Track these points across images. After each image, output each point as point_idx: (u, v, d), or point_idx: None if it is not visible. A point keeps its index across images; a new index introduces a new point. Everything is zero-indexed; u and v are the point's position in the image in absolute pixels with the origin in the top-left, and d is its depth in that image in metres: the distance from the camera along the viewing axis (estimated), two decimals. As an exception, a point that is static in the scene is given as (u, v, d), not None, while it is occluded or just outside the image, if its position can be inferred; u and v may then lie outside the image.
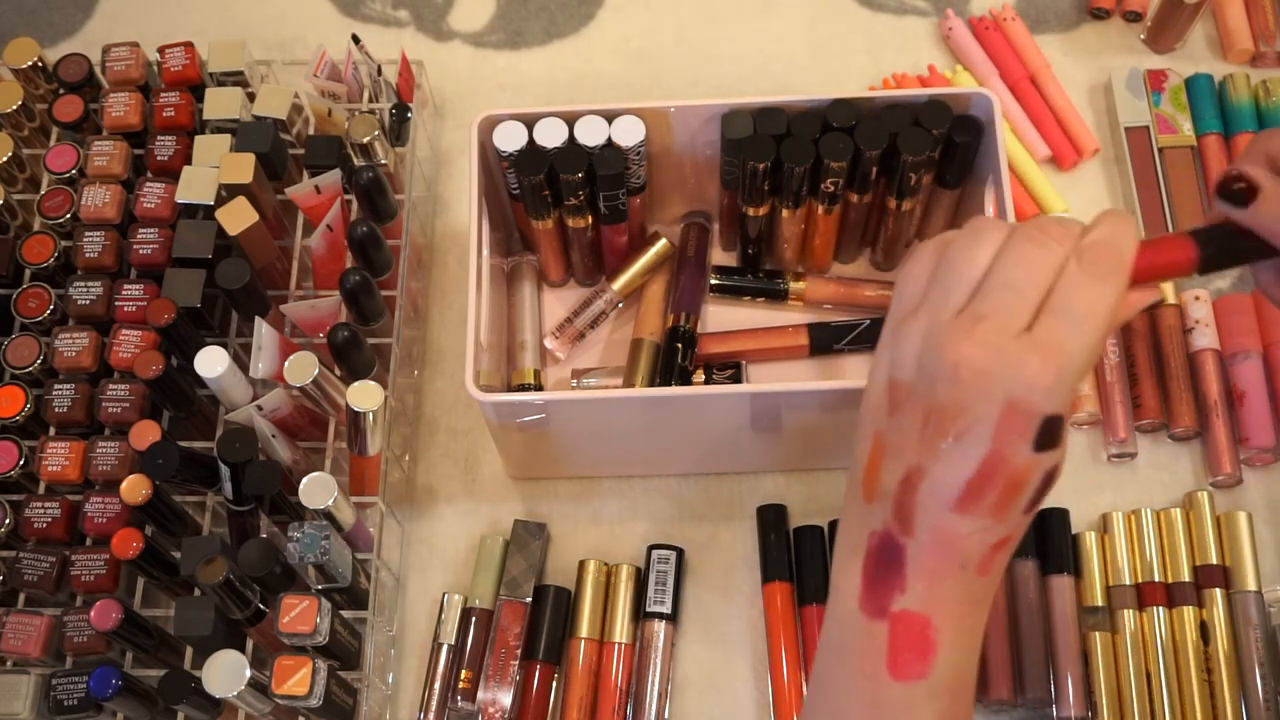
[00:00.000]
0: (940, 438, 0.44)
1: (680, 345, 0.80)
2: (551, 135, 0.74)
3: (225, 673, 0.63)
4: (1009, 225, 0.47)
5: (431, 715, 0.74)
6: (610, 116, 0.74)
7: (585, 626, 0.75)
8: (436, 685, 0.75)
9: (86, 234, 0.79)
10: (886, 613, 0.46)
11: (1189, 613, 0.74)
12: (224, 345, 0.73)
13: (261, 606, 0.68)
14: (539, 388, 0.81)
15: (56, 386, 0.75)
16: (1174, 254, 0.49)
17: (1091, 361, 0.45)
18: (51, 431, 0.76)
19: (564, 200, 0.76)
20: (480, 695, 0.74)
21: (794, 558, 0.77)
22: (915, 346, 0.46)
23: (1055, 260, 0.45)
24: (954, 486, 0.45)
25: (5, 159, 0.82)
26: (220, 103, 0.82)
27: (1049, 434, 0.45)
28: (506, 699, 0.74)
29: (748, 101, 0.74)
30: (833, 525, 0.78)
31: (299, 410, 0.75)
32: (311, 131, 0.86)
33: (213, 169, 0.79)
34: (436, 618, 0.77)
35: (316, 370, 0.71)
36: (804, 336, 0.82)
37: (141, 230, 0.79)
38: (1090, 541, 0.76)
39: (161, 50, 0.86)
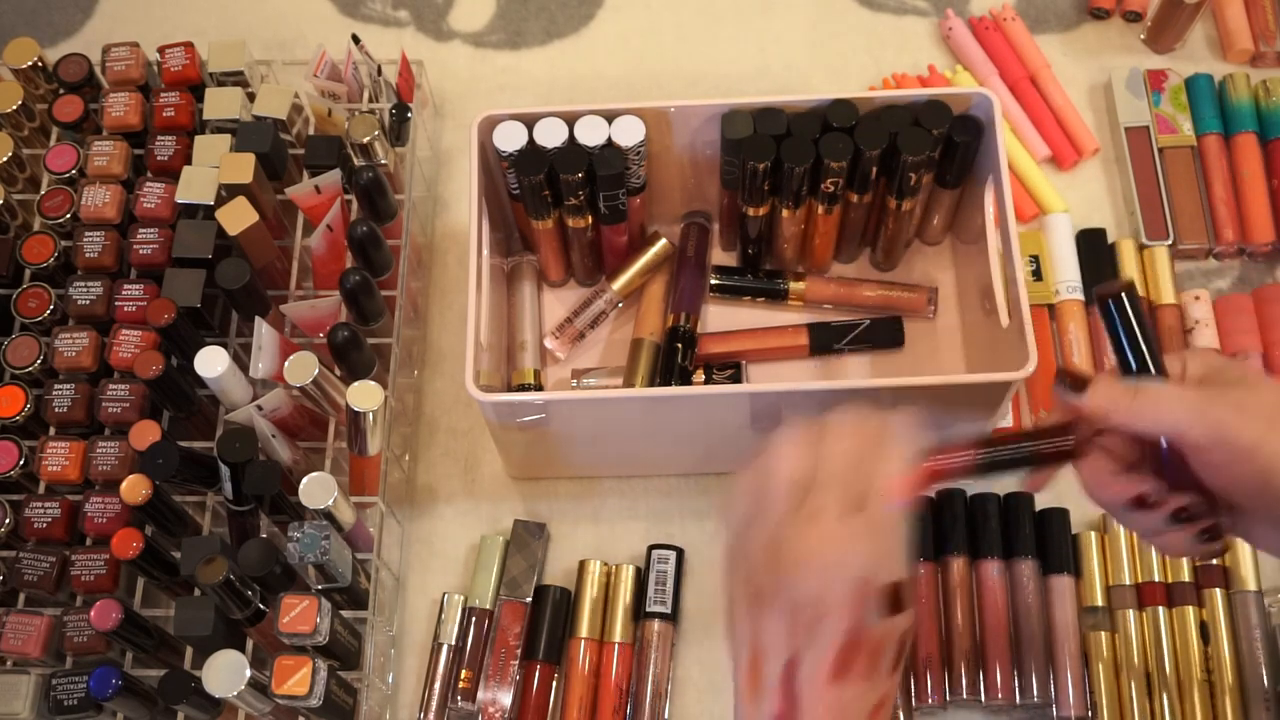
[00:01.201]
0: (809, 625, 0.49)
1: (680, 345, 0.80)
2: (551, 135, 0.74)
3: (225, 673, 0.63)
4: (812, 427, 0.53)
5: (431, 715, 0.74)
6: (610, 116, 0.74)
7: (585, 626, 0.75)
8: (436, 685, 0.75)
9: (86, 234, 0.79)
10: None
11: (1189, 613, 0.74)
12: (224, 345, 0.73)
13: (261, 606, 0.68)
14: (539, 388, 0.81)
15: (56, 386, 0.75)
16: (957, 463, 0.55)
17: (906, 525, 0.51)
18: (51, 431, 0.76)
19: (564, 200, 0.76)
20: (480, 695, 0.74)
21: None
22: (764, 555, 0.51)
23: (864, 446, 0.52)
24: (826, 663, 0.49)
25: (5, 159, 0.82)
26: (220, 103, 0.82)
27: (895, 600, 0.50)
28: (506, 699, 0.74)
29: (748, 101, 0.74)
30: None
31: (299, 410, 0.75)
32: (311, 131, 0.86)
33: (213, 169, 0.79)
34: (436, 618, 0.77)
35: (316, 370, 0.71)
36: (804, 336, 0.82)
37: (141, 230, 0.79)
38: (1090, 541, 0.76)
39: (161, 50, 0.86)
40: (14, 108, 0.83)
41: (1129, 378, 0.53)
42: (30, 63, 0.84)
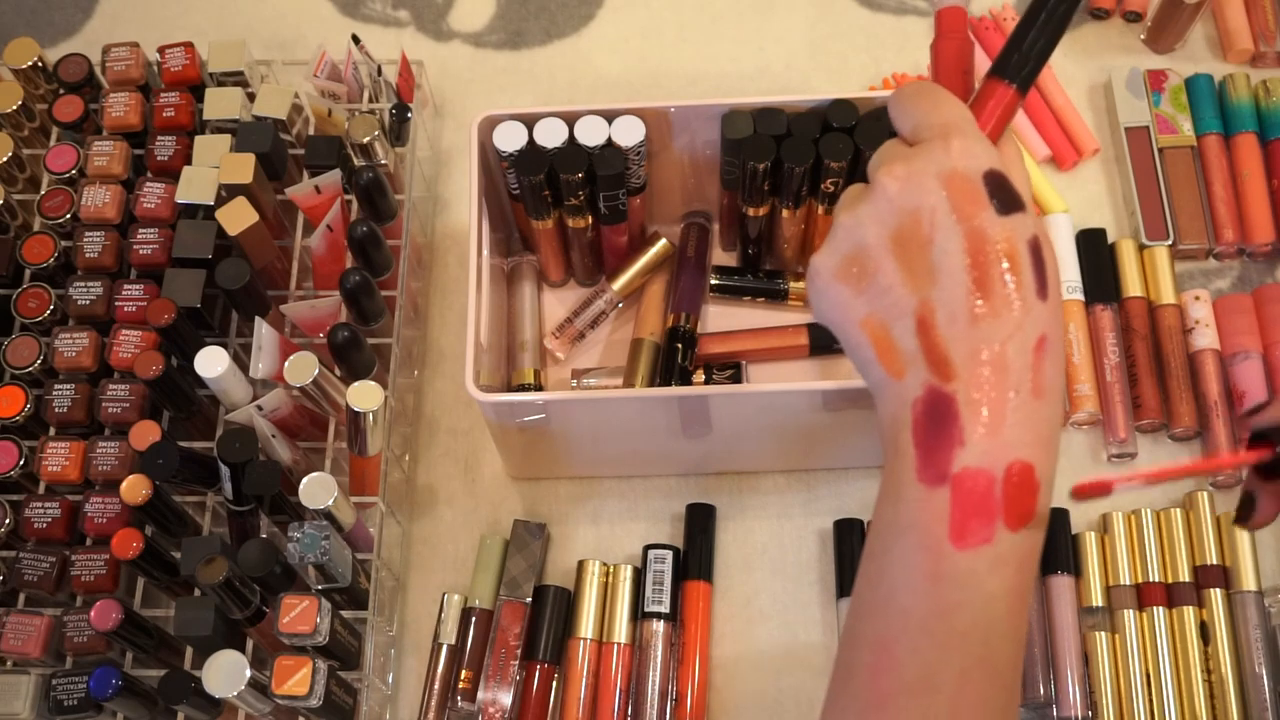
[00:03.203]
0: (923, 255, 0.44)
1: (680, 345, 0.80)
2: (551, 135, 0.74)
3: (225, 673, 0.63)
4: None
5: (431, 715, 0.74)
6: (610, 116, 0.74)
7: (585, 626, 0.75)
8: (436, 685, 0.75)
9: (86, 234, 0.79)
10: (947, 476, 0.43)
11: (1189, 613, 0.74)
12: (224, 345, 0.73)
13: (261, 606, 0.68)
14: (539, 388, 0.81)
15: (56, 386, 0.75)
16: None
17: (978, 128, 0.48)
18: (51, 431, 0.76)
19: (564, 200, 0.76)
20: (480, 695, 0.74)
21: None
22: (845, 223, 0.47)
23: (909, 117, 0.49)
24: (963, 295, 0.43)
25: (5, 159, 0.82)
26: (220, 103, 0.82)
27: (1002, 192, 0.45)
28: (506, 699, 0.74)
29: (748, 101, 0.74)
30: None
31: (299, 410, 0.75)
32: (311, 131, 0.86)
33: (213, 169, 0.79)
34: (436, 618, 0.77)
35: (316, 370, 0.71)
36: (804, 336, 0.82)
37: (141, 230, 0.79)
38: (1090, 541, 0.76)
39: (161, 50, 0.86)
40: (14, 108, 0.83)
41: None
42: (30, 63, 0.84)
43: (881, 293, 0.46)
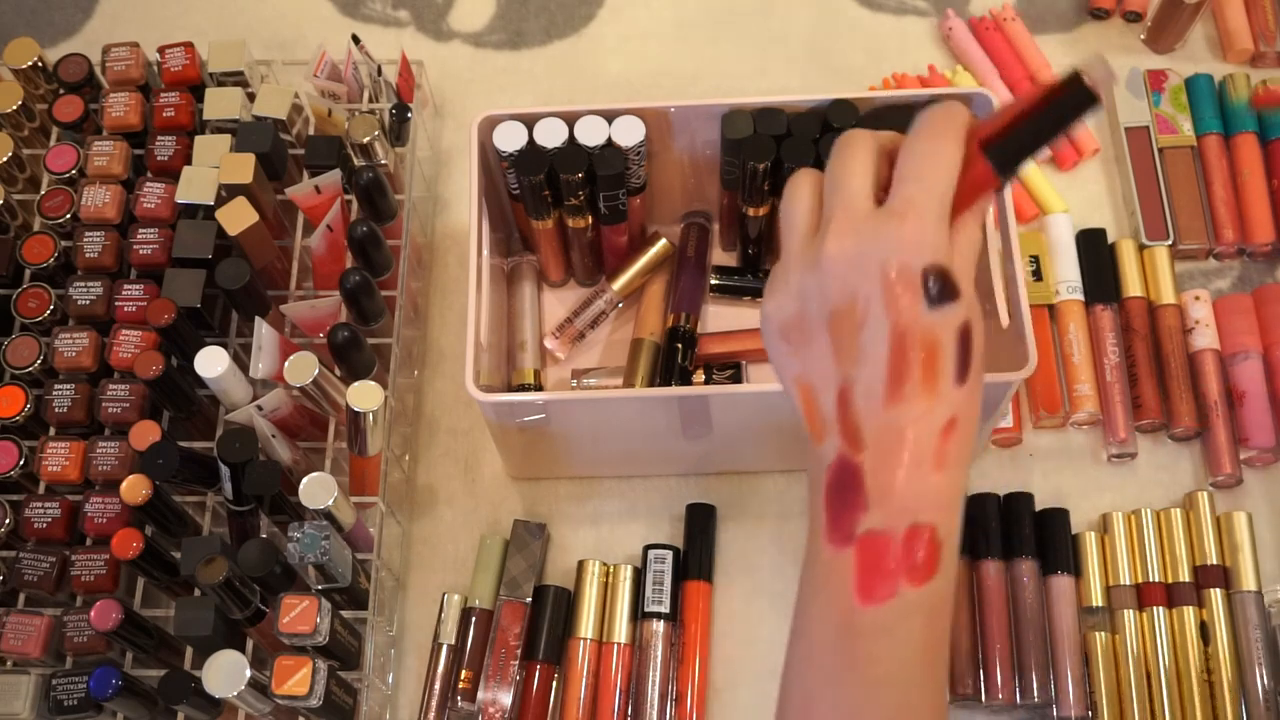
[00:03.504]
0: (850, 337, 0.45)
1: (680, 345, 0.80)
2: (551, 135, 0.74)
3: (225, 673, 0.63)
4: (815, 170, 0.49)
5: (431, 715, 0.74)
6: (610, 116, 0.74)
7: (585, 626, 0.75)
8: (436, 685, 0.75)
9: (86, 234, 0.79)
10: (852, 538, 0.45)
11: (1189, 613, 0.74)
12: (224, 345, 0.73)
13: (261, 606, 0.68)
14: (539, 388, 0.81)
15: (56, 386, 0.75)
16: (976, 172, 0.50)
17: (946, 211, 0.46)
18: (51, 431, 0.76)
19: (564, 200, 0.76)
20: (480, 695, 0.74)
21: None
22: (792, 280, 0.47)
23: (869, 154, 0.48)
24: (880, 378, 0.45)
25: (5, 159, 0.82)
26: (220, 103, 0.82)
27: (939, 286, 0.45)
28: (506, 699, 0.74)
29: (748, 101, 0.74)
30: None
31: (299, 410, 0.75)
32: (311, 131, 0.86)
33: (213, 169, 0.79)
34: (436, 618, 0.77)
35: (316, 370, 0.71)
36: (804, 336, 0.82)
37: (141, 230, 0.79)
38: (1090, 541, 0.76)
39: (161, 50, 0.86)
40: (14, 108, 0.83)
41: None
42: (30, 63, 0.84)
43: (814, 360, 0.47)
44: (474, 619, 0.76)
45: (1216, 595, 0.74)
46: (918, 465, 0.45)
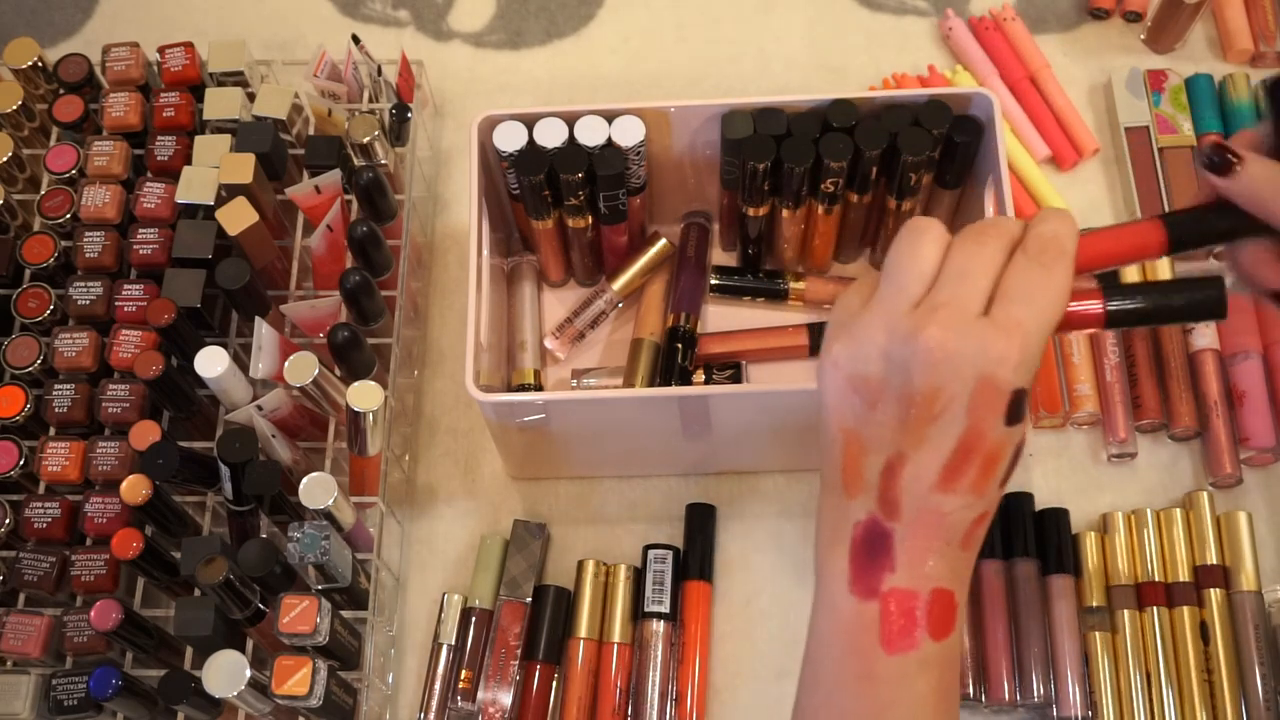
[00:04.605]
0: (922, 423, 0.46)
1: (680, 345, 0.80)
2: (551, 135, 0.74)
3: (225, 673, 0.63)
4: (942, 224, 0.49)
5: (431, 715, 0.75)
6: (610, 116, 0.74)
7: (584, 626, 0.75)
8: (436, 685, 0.75)
9: (86, 234, 0.79)
10: (877, 593, 0.48)
11: (1189, 613, 0.74)
12: (224, 345, 0.73)
13: (261, 606, 0.68)
14: (539, 388, 0.81)
15: (56, 386, 0.75)
16: (1142, 236, 0.51)
17: (1045, 341, 0.47)
18: (51, 431, 0.76)
19: (564, 200, 0.76)
20: (480, 695, 0.74)
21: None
22: (879, 340, 0.47)
23: (1000, 253, 0.48)
24: (936, 467, 0.46)
25: (5, 159, 0.82)
26: (220, 103, 0.82)
27: (1017, 408, 0.47)
28: (506, 699, 0.74)
29: (748, 101, 0.74)
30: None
31: (299, 410, 0.75)
32: (311, 131, 0.86)
33: (213, 169, 0.79)
34: (436, 618, 0.77)
35: (316, 370, 0.71)
36: (804, 336, 0.82)
37: (141, 230, 0.79)
38: (1090, 541, 0.76)
39: (161, 50, 0.86)
40: (14, 108, 0.83)
41: None
42: (30, 63, 0.84)
43: (875, 423, 0.48)
44: (474, 619, 0.76)
45: (1216, 595, 0.74)
46: (948, 544, 0.48)
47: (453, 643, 0.76)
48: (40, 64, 0.85)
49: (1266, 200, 0.49)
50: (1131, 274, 0.82)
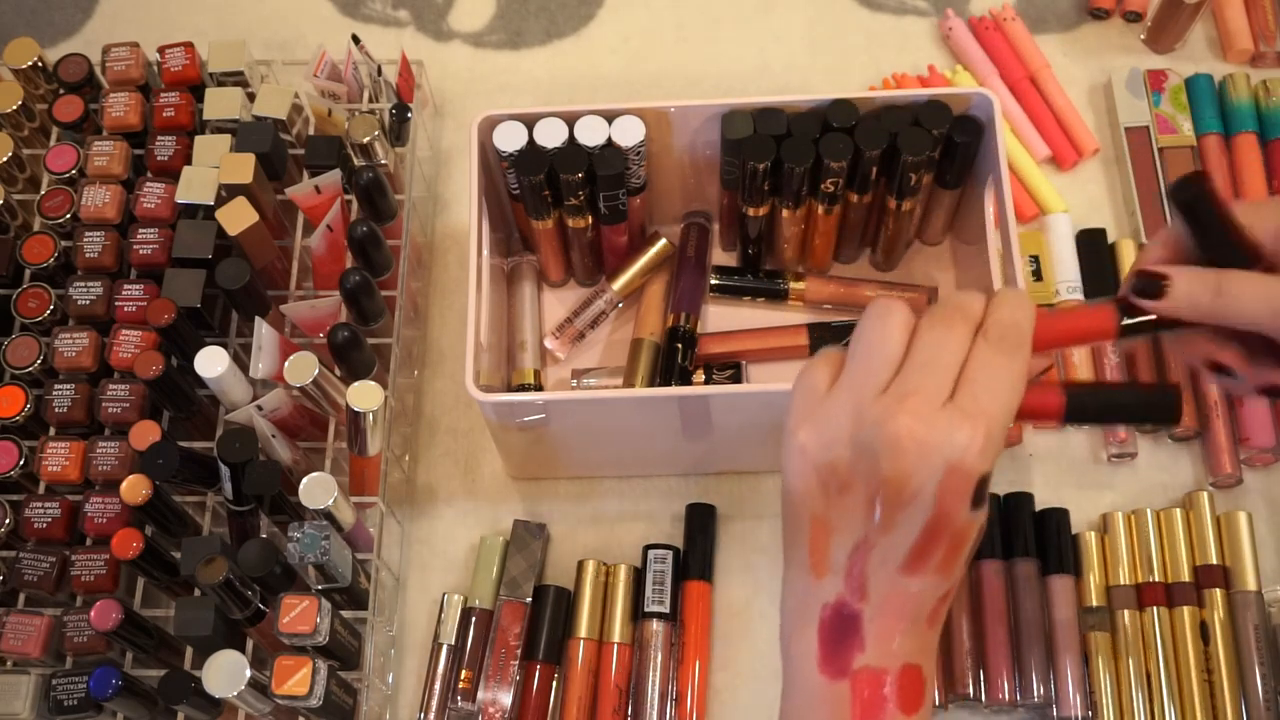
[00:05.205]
0: (891, 509, 0.47)
1: (680, 345, 0.80)
2: (551, 135, 0.74)
3: (225, 673, 0.63)
4: (907, 306, 0.50)
5: (431, 715, 0.75)
6: (610, 116, 0.74)
7: (584, 626, 0.75)
8: (436, 685, 0.75)
9: (86, 234, 0.79)
10: (847, 672, 0.48)
11: (1189, 613, 0.74)
12: (224, 345, 0.73)
13: (261, 606, 0.68)
14: (539, 388, 0.81)
15: (56, 386, 0.75)
16: (1095, 321, 0.53)
17: (1008, 428, 0.49)
18: (51, 431, 0.76)
19: (564, 200, 0.76)
20: (480, 695, 0.74)
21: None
22: (847, 427, 0.48)
23: (965, 338, 0.49)
24: (903, 551, 0.47)
25: (5, 159, 0.82)
26: (220, 103, 0.82)
27: (982, 493, 0.48)
28: (506, 699, 0.74)
29: (748, 101, 0.74)
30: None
31: (299, 410, 0.75)
32: (311, 131, 0.86)
33: (213, 169, 0.79)
34: (436, 618, 0.77)
35: (316, 370, 0.71)
36: (804, 336, 0.82)
37: (141, 230, 0.79)
38: (1090, 541, 0.76)
39: (161, 50, 0.86)
40: (14, 108, 0.83)
41: (1208, 271, 0.51)
42: (30, 63, 0.84)
43: (840, 508, 0.49)
44: (474, 619, 0.76)
45: (1217, 595, 0.74)
46: (914, 623, 0.48)
47: (453, 643, 0.76)
48: (40, 64, 0.85)
49: (1203, 308, 0.51)
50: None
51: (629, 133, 0.74)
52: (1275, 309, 0.50)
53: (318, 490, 0.69)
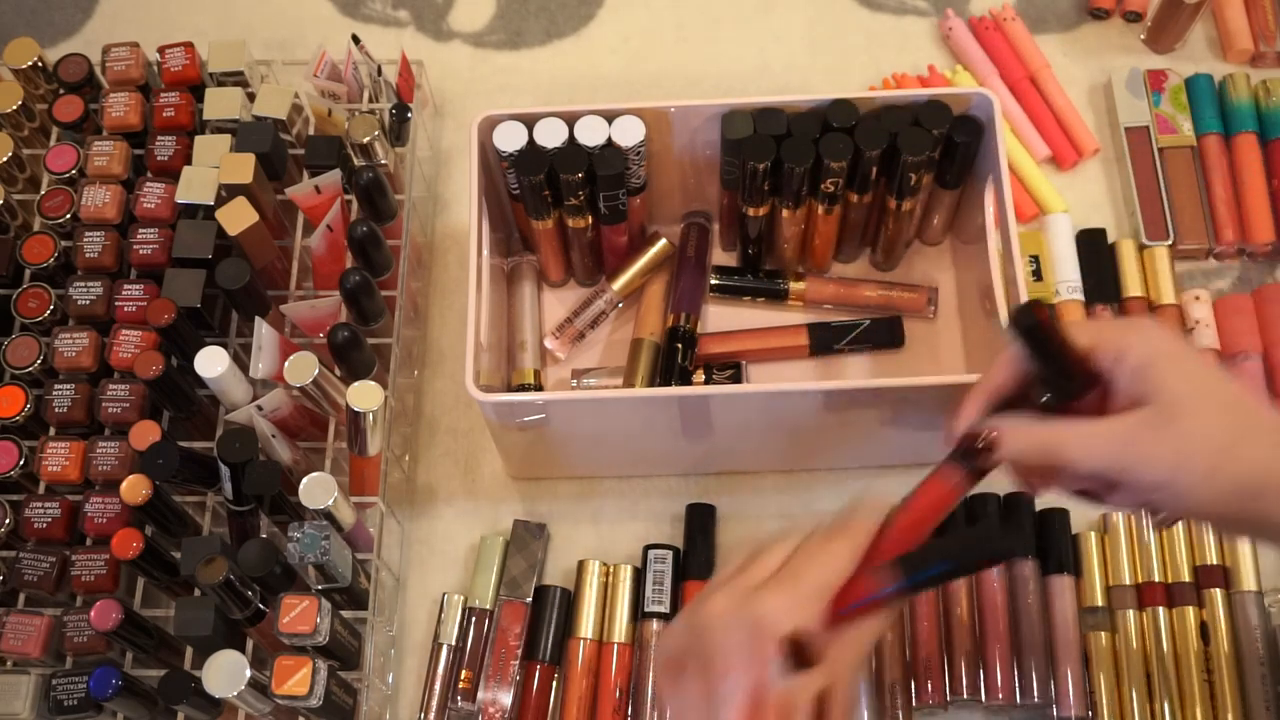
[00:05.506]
0: (716, 681, 0.50)
1: (680, 345, 0.80)
2: (551, 135, 0.74)
3: (225, 673, 0.63)
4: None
5: (431, 715, 0.74)
6: (610, 116, 0.74)
7: (585, 626, 0.75)
8: (436, 685, 0.75)
9: (86, 234, 0.79)
10: None
11: (1189, 613, 0.74)
12: (224, 345, 0.73)
13: (261, 606, 0.68)
14: (539, 388, 0.81)
15: (56, 386, 0.75)
16: (941, 484, 0.55)
17: (823, 595, 0.51)
18: (51, 431, 0.76)
19: (564, 200, 0.76)
20: (480, 695, 0.74)
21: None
22: (682, 618, 0.53)
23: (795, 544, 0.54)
24: None
25: (5, 159, 0.82)
26: (220, 103, 0.82)
27: (798, 653, 0.49)
28: (506, 699, 0.74)
29: (748, 101, 0.74)
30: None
31: (299, 410, 0.75)
32: (311, 131, 0.86)
33: (213, 169, 0.79)
34: (436, 618, 0.77)
35: (316, 370, 0.71)
36: (804, 336, 0.82)
37: (141, 230, 0.79)
38: (1090, 541, 0.76)
39: (161, 50, 0.86)
40: (14, 108, 0.83)
41: (1036, 427, 0.54)
42: (30, 63, 0.84)
43: (684, 699, 0.52)
44: (474, 619, 0.76)
45: (1217, 595, 0.74)
46: None
47: (453, 643, 0.76)
48: (40, 64, 0.85)
49: (1032, 460, 0.54)
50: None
51: (629, 133, 0.74)
52: (1104, 458, 0.52)
53: (318, 490, 0.69)
